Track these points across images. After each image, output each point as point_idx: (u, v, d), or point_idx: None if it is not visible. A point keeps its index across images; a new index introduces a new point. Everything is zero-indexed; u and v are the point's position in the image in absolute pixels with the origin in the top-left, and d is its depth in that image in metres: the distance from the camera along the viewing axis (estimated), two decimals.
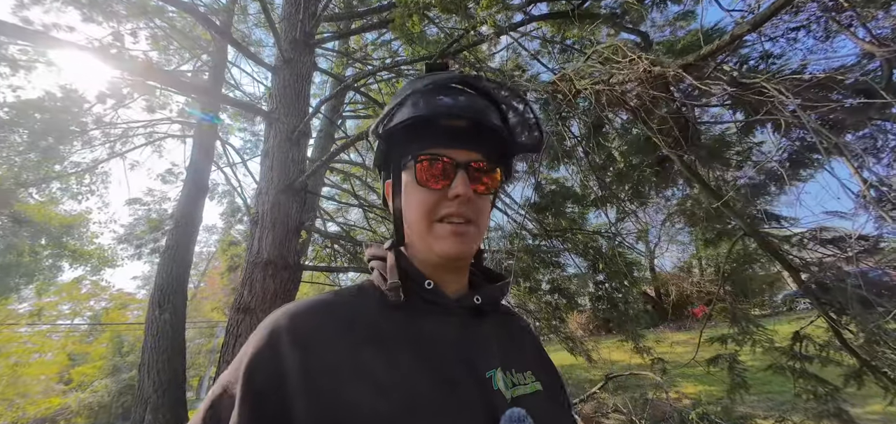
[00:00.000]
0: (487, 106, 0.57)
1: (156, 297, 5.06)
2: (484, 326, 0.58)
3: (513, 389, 0.52)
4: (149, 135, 7.85)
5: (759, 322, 2.16)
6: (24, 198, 7.02)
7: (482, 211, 0.57)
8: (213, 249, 19.45)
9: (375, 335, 0.51)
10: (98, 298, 18.17)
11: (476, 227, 0.56)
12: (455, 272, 0.60)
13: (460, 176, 0.53)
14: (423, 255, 0.58)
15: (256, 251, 3.41)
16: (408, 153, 0.57)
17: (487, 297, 0.59)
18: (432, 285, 0.56)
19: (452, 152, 0.54)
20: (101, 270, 9.38)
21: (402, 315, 0.54)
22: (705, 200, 1.97)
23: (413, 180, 0.56)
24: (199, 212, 5.99)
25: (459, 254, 0.55)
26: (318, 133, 5.84)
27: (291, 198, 3.55)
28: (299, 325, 0.49)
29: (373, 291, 0.58)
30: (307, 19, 3.86)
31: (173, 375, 4.75)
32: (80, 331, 16.69)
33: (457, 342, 0.53)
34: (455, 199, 0.53)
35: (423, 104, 0.55)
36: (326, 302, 0.55)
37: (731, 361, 2.07)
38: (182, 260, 5.38)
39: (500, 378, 0.51)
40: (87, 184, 7.98)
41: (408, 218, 0.59)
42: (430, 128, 0.55)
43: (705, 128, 1.82)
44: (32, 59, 6.13)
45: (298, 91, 3.75)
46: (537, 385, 0.56)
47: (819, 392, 1.73)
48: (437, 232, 0.55)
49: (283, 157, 3.58)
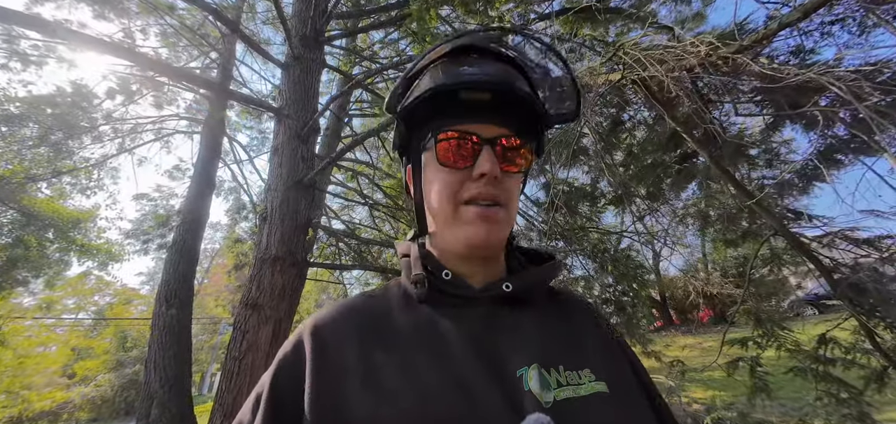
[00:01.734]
0: (516, 74, 0.52)
1: (162, 293, 5.07)
2: (522, 317, 0.51)
3: (557, 390, 0.44)
4: (157, 131, 7.89)
5: (785, 324, 2.10)
6: (33, 192, 7.06)
7: (512, 192, 0.52)
8: (217, 246, 19.55)
9: (390, 335, 0.48)
10: (103, 293, 18.33)
11: (505, 211, 0.51)
12: (482, 261, 0.54)
13: (486, 152, 0.48)
14: (449, 245, 0.53)
15: (265, 247, 3.40)
16: (428, 132, 0.52)
17: (523, 283, 0.53)
18: (450, 275, 0.52)
19: (477, 127, 0.50)
20: (107, 265, 9.42)
21: (421, 312, 0.51)
22: (733, 199, 1.92)
23: (435, 161, 0.51)
24: (207, 209, 6.00)
25: (487, 242, 0.49)
26: (325, 130, 5.84)
27: (300, 194, 3.54)
28: (321, 329, 0.49)
29: (397, 289, 0.55)
30: (318, 16, 3.85)
31: (179, 370, 4.75)
32: (85, 326, 16.82)
33: (479, 339, 0.48)
34: (481, 179, 0.48)
35: (442, 75, 0.50)
36: (351, 305, 0.54)
37: (754, 364, 2.02)
38: (189, 256, 5.39)
39: (533, 378, 0.44)
40: (96, 180, 8.03)
41: (430, 203, 0.54)
42: (452, 103, 0.50)
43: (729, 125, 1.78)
44: (43, 54, 6.18)
45: (308, 88, 3.74)
46: (599, 385, 0.46)
47: (841, 395, 1.68)
48: (463, 217, 0.50)
49: (293, 154, 3.57)
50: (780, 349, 1.99)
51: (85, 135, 6.92)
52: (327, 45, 4.28)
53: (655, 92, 1.44)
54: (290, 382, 0.46)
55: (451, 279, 0.52)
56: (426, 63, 0.53)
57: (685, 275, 6.52)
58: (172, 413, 4.46)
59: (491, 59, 0.52)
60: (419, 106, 0.51)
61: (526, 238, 4.48)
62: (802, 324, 2.26)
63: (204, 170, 6.15)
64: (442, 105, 0.50)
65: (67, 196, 8.01)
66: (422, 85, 0.51)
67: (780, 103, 1.42)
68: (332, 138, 5.99)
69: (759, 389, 2.00)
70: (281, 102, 3.79)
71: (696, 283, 4.51)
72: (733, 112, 1.63)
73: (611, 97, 1.74)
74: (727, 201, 2.10)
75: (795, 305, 10.89)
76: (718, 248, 2.98)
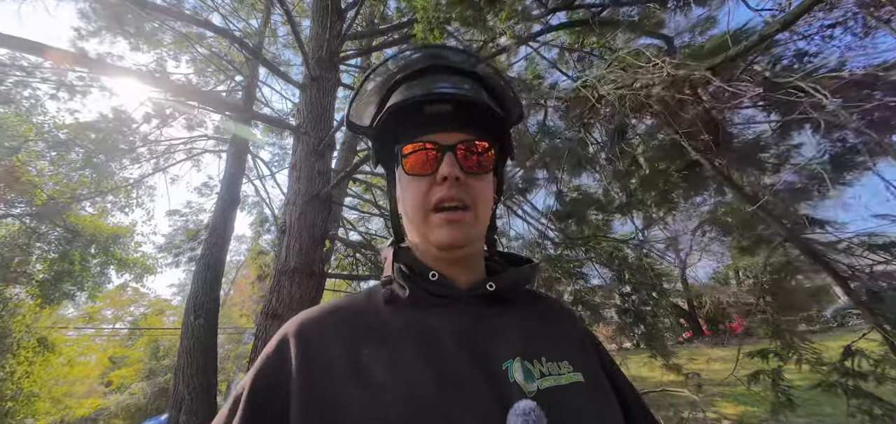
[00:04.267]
0: (471, 84, 0.55)
1: (191, 304, 5.34)
2: (505, 315, 0.53)
3: (540, 380, 0.47)
4: (188, 150, 8.40)
5: (806, 336, 1.99)
6: (78, 211, 7.63)
7: (479, 193, 0.54)
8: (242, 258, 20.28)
9: (377, 334, 0.49)
10: (138, 304, 19.35)
11: (473, 212, 0.53)
12: (461, 263, 0.56)
13: (447, 158, 0.51)
14: (424, 248, 0.56)
15: (284, 259, 3.55)
16: (396, 146, 0.56)
17: (505, 283, 0.55)
18: (437, 276, 0.54)
19: (439, 136, 0.53)
20: (143, 278, 9.97)
21: (407, 311, 0.52)
22: (739, 205, 1.87)
23: (404, 172, 0.55)
24: (231, 223, 6.29)
25: (455, 242, 0.51)
26: (341, 145, 6.05)
27: (317, 208, 3.69)
28: (306, 328, 0.50)
29: (381, 291, 0.57)
30: (332, 39, 4.05)
31: (206, 379, 4.96)
32: (121, 336, 17.77)
33: (466, 333, 0.49)
34: (444, 183, 0.51)
35: (403, 93, 0.53)
36: (335, 306, 0.55)
37: (775, 377, 1.91)
38: (215, 269, 5.66)
39: (517, 369, 0.46)
40: (134, 198, 8.60)
41: (406, 212, 0.57)
42: (416, 116, 0.53)
43: (738, 131, 1.75)
44: (88, 84, 6.74)
45: (324, 106, 3.92)
46: (576, 375, 0.49)
47: (875, 412, 1.58)
48: (432, 223, 0.52)
49: (310, 169, 3.74)
50: (801, 362, 1.89)
51: (124, 156, 7.46)
52: (342, 64, 4.48)
53: (647, 105, 1.45)
54: (272, 383, 0.46)
55: (437, 280, 0.53)
56: (389, 82, 0.56)
57: (711, 284, 6.26)
58: (199, 418, 4.65)
59: (449, 73, 0.56)
60: (385, 123, 0.54)
61: (540, 248, 4.45)
62: (840, 335, 2.11)
63: (229, 187, 6.48)
64: (407, 119, 0.54)
65: (108, 213, 8.62)
66: (389, 102, 0.54)
67: (784, 108, 1.40)
68: (349, 153, 6.20)
69: (783, 404, 1.89)
70: (299, 121, 3.98)
71: (721, 292, 4.32)
72: (725, 123, 1.61)
73: (614, 115, 1.76)
74: (741, 207, 2.04)
75: (840, 313, 10.13)
76: (735, 256, 2.88)
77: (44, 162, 6.91)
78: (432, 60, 0.57)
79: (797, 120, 1.28)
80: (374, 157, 0.63)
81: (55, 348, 8.49)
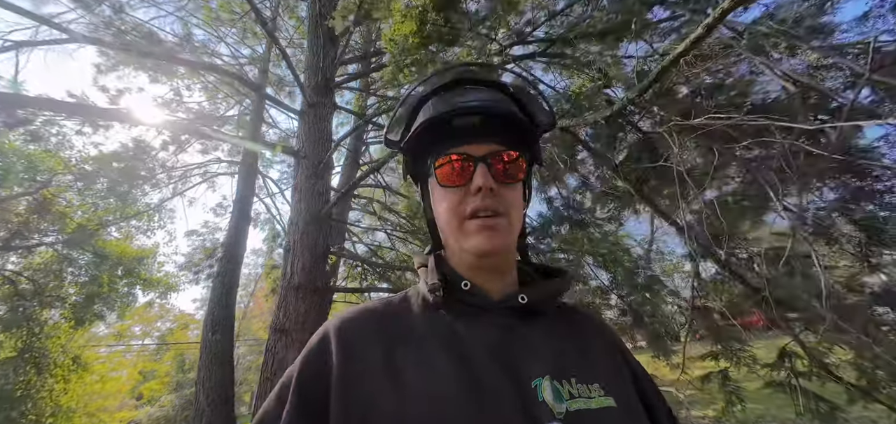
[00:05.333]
0: (499, 96, 0.57)
1: (208, 320, 5.66)
2: (536, 328, 0.54)
3: (569, 401, 0.46)
4: (203, 173, 8.86)
5: (742, 340, 2.05)
6: (105, 236, 8.15)
7: (511, 202, 0.55)
8: (259, 272, 20.91)
9: (411, 339, 0.51)
10: (164, 319, 20.21)
11: (506, 219, 0.54)
12: (495, 271, 0.57)
13: (480, 169, 0.53)
14: (459, 256, 0.58)
15: (289, 276, 3.78)
16: (429, 158, 0.58)
17: (537, 296, 0.56)
18: (469, 285, 0.55)
19: (470, 148, 0.54)
20: (167, 295, 10.50)
21: (441, 319, 0.53)
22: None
23: (437, 184, 0.57)
24: (244, 242, 6.62)
25: (491, 249, 0.53)
26: (343, 162, 6.29)
27: (318, 226, 3.91)
28: (345, 328, 0.53)
29: (415, 297, 0.59)
30: (328, 65, 4.29)
31: (223, 391, 5.25)
32: (150, 350, 18.61)
33: (497, 345, 0.50)
34: (478, 193, 0.52)
35: (433, 109, 0.56)
36: (372, 308, 0.57)
37: (723, 379, 1.98)
38: (230, 286, 5.98)
39: (547, 388, 0.46)
40: (155, 221, 9.13)
41: (440, 221, 0.59)
42: (446, 130, 0.55)
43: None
44: (110, 119, 7.21)
45: (321, 131, 4.15)
46: (607, 399, 0.48)
47: (821, 409, 1.63)
48: (467, 230, 0.54)
49: (310, 190, 3.96)
50: (739, 364, 1.95)
51: (145, 183, 7.95)
52: (337, 89, 4.71)
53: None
54: (316, 376, 0.49)
55: (469, 289, 0.55)
56: (420, 99, 0.59)
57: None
58: None
59: (476, 87, 0.59)
60: (419, 137, 0.56)
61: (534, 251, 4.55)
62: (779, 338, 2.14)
63: (241, 207, 6.83)
64: (438, 133, 0.56)
65: (133, 237, 9.16)
66: (419, 118, 0.57)
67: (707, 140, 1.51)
68: (351, 169, 6.44)
69: (732, 403, 1.96)
70: (299, 145, 4.23)
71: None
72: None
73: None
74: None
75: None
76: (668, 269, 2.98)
77: (72, 192, 7.45)
78: (459, 76, 0.60)
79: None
80: (406, 171, 0.65)
81: (88, 366, 9.02)
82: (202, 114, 8.32)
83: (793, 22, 1.44)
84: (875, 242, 1.40)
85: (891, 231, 1.40)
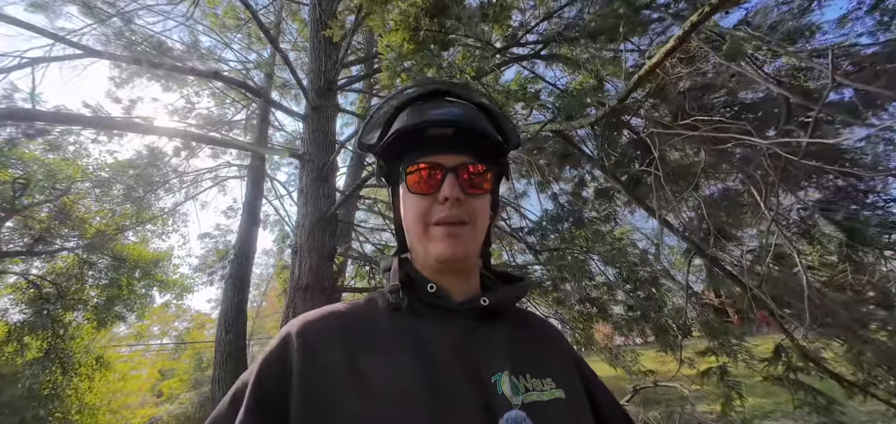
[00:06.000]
0: (473, 111, 0.59)
1: (222, 320, 5.85)
2: (495, 329, 0.57)
3: (525, 394, 0.49)
4: (214, 177, 9.08)
5: (739, 337, 2.05)
6: (122, 241, 8.45)
7: (477, 211, 0.57)
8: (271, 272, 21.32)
9: (375, 339, 0.52)
10: (181, 319, 20.81)
11: (471, 227, 0.56)
12: (458, 275, 0.59)
13: (449, 179, 0.54)
14: (423, 260, 0.59)
15: (297, 277, 3.88)
16: (401, 165, 0.59)
17: (498, 299, 0.59)
18: (435, 288, 0.56)
19: (441, 158, 0.56)
20: (182, 296, 10.83)
21: (404, 319, 0.55)
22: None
23: (407, 190, 0.58)
24: (254, 244, 6.79)
25: (454, 255, 0.55)
26: (348, 165, 6.39)
27: (324, 228, 4.00)
28: (307, 329, 0.53)
29: (381, 299, 0.60)
30: (330, 68, 4.36)
31: None
32: (168, 349, 19.21)
33: (459, 345, 0.52)
34: (445, 202, 0.54)
35: (409, 117, 0.57)
36: (336, 310, 0.58)
37: (721, 373, 1.99)
38: (241, 286, 6.15)
39: (506, 382, 0.49)
40: (170, 225, 9.41)
41: (407, 225, 0.61)
42: (420, 138, 0.57)
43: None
44: (124, 127, 7.45)
45: (325, 133, 4.23)
46: (558, 392, 0.53)
47: (819, 402, 1.63)
48: (432, 235, 0.56)
49: (315, 193, 4.05)
50: (735, 360, 1.96)
51: (159, 188, 8.20)
52: (340, 92, 4.78)
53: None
54: (276, 378, 0.49)
55: (434, 291, 0.56)
56: (399, 105, 0.61)
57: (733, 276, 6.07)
58: None
59: (453, 100, 0.61)
60: (393, 143, 0.58)
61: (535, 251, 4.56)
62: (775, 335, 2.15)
63: (250, 209, 7.00)
64: (412, 141, 0.57)
65: (149, 241, 9.46)
66: (395, 125, 0.58)
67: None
68: (357, 169, 6.53)
69: (731, 397, 1.97)
70: (303, 149, 4.32)
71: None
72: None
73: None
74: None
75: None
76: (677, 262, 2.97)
77: (90, 199, 7.73)
78: (437, 88, 0.63)
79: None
80: (379, 174, 0.67)
81: (111, 365, 9.39)
82: (211, 120, 8.52)
83: (768, 28, 1.45)
84: (858, 242, 1.40)
85: (871, 231, 1.40)
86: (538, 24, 2.32)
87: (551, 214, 3.43)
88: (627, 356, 5.17)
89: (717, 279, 1.83)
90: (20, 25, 3.21)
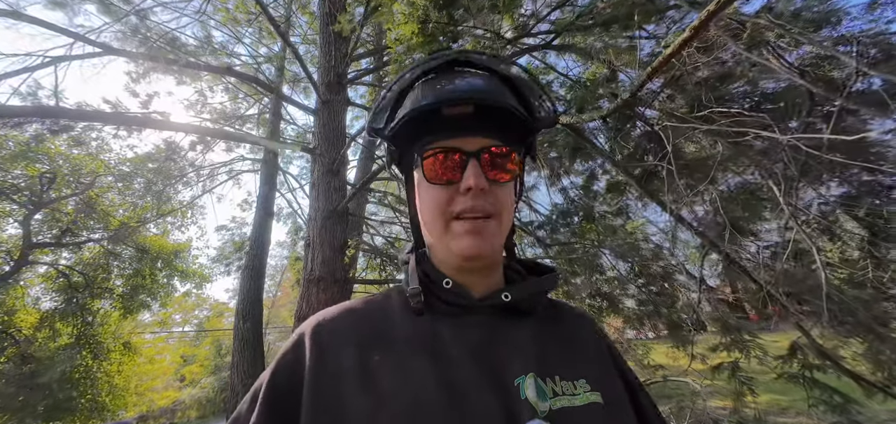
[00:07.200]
0: (495, 84, 0.51)
1: (239, 309, 6.04)
2: (520, 327, 0.52)
3: (553, 399, 0.45)
4: (229, 171, 9.29)
5: (753, 333, 1.99)
6: (144, 233, 8.78)
7: (503, 202, 0.51)
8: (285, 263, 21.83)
9: (389, 339, 0.49)
10: (201, 308, 21.61)
11: (497, 221, 0.50)
12: (480, 272, 0.54)
13: (471, 166, 0.48)
14: (443, 256, 0.54)
15: (310, 269, 3.97)
16: (415, 150, 0.53)
17: (522, 294, 0.53)
18: (451, 284, 0.52)
19: (461, 142, 0.49)
20: (202, 285, 11.23)
21: (421, 318, 0.51)
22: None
23: (423, 178, 0.52)
24: (268, 235, 6.95)
25: (479, 253, 0.49)
26: (359, 157, 6.43)
27: (335, 221, 4.06)
28: (321, 329, 0.51)
29: (397, 296, 0.56)
30: (339, 62, 4.37)
31: (256, 373, 5.63)
32: (190, 337, 20.01)
33: (479, 345, 0.48)
34: (468, 193, 0.48)
35: (424, 94, 0.49)
36: (352, 308, 0.55)
37: (733, 369, 1.95)
38: (257, 277, 6.33)
39: (530, 386, 0.44)
40: (188, 217, 9.72)
41: (423, 219, 0.55)
42: (435, 119, 0.49)
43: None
44: (143, 122, 7.66)
45: (335, 127, 4.26)
46: (594, 395, 0.47)
47: (835, 401, 1.58)
48: (454, 231, 0.50)
49: (326, 187, 4.11)
50: (748, 356, 1.91)
51: (177, 182, 8.44)
52: (350, 85, 4.80)
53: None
54: (289, 381, 0.47)
55: (451, 288, 0.52)
56: (407, 83, 0.53)
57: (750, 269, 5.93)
58: None
59: (471, 71, 0.53)
60: (404, 126, 0.50)
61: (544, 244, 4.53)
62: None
63: (264, 202, 7.14)
64: (427, 122, 0.50)
65: (169, 233, 9.80)
66: (406, 105, 0.50)
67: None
68: (368, 162, 6.58)
69: (743, 393, 1.93)
70: (314, 142, 4.37)
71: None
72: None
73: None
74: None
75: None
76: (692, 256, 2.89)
77: (113, 193, 8.02)
78: (452, 57, 0.54)
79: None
80: (390, 162, 0.59)
81: (136, 350, 9.87)
82: (225, 114, 8.68)
83: (791, 15, 1.36)
84: (881, 238, 1.34)
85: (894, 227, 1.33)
86: (550, 12, 2.26)
87: (561, 208, 3.39)
88: (639, 349, 5.14)
89: (733, 274, 1.78)
90: (44, 26, 3.32)
